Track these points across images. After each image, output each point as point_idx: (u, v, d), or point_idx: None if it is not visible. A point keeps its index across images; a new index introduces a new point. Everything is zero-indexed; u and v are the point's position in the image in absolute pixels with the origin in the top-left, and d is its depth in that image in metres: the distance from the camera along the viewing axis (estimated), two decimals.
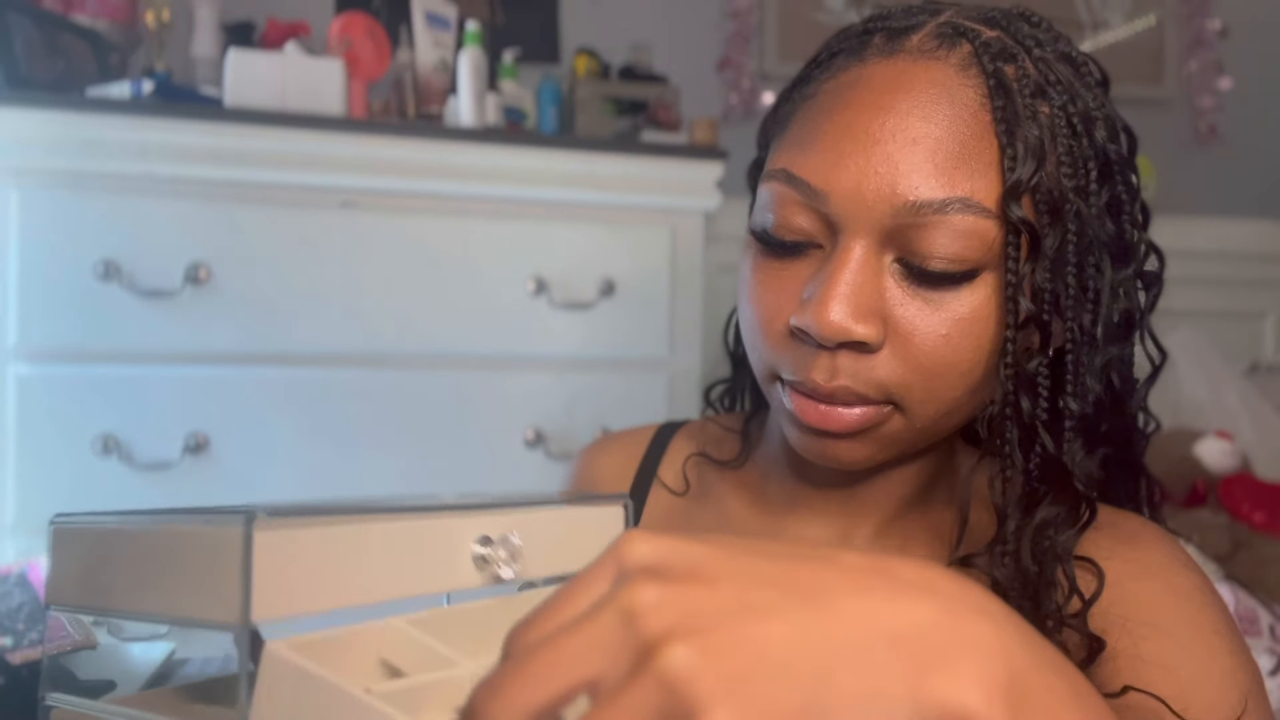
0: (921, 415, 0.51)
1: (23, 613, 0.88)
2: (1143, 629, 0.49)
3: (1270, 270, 2.04)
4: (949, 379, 0.49)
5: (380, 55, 1.42)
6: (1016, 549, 0.50)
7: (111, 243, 1.26)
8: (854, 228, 0.49)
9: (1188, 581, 0.51)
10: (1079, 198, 0.49)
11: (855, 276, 0.48)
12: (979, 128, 0.48)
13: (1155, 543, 0.53)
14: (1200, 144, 2.39)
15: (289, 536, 0.35)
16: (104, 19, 1.42)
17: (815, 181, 0.49)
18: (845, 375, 0.49)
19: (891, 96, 0.49)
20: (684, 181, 1.49)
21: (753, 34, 2.12)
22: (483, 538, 0.41)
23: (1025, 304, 0.48)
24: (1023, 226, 0.47)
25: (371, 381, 1.36)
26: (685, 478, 0.66)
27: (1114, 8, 2.33)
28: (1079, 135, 0.50)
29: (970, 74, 0.49)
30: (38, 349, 1.25)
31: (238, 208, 1.31)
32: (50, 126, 1.24)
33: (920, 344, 0.49)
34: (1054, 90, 0.50)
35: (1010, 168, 0.47)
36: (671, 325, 1.49)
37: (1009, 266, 0.48)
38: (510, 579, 0.42)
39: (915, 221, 0.47)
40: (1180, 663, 0.47)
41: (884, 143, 0.48)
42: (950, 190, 0.47)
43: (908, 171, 0.47)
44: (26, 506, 1.25)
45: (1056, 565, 0.50)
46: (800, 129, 0.52)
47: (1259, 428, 1.69)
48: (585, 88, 1.54)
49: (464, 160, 1.39)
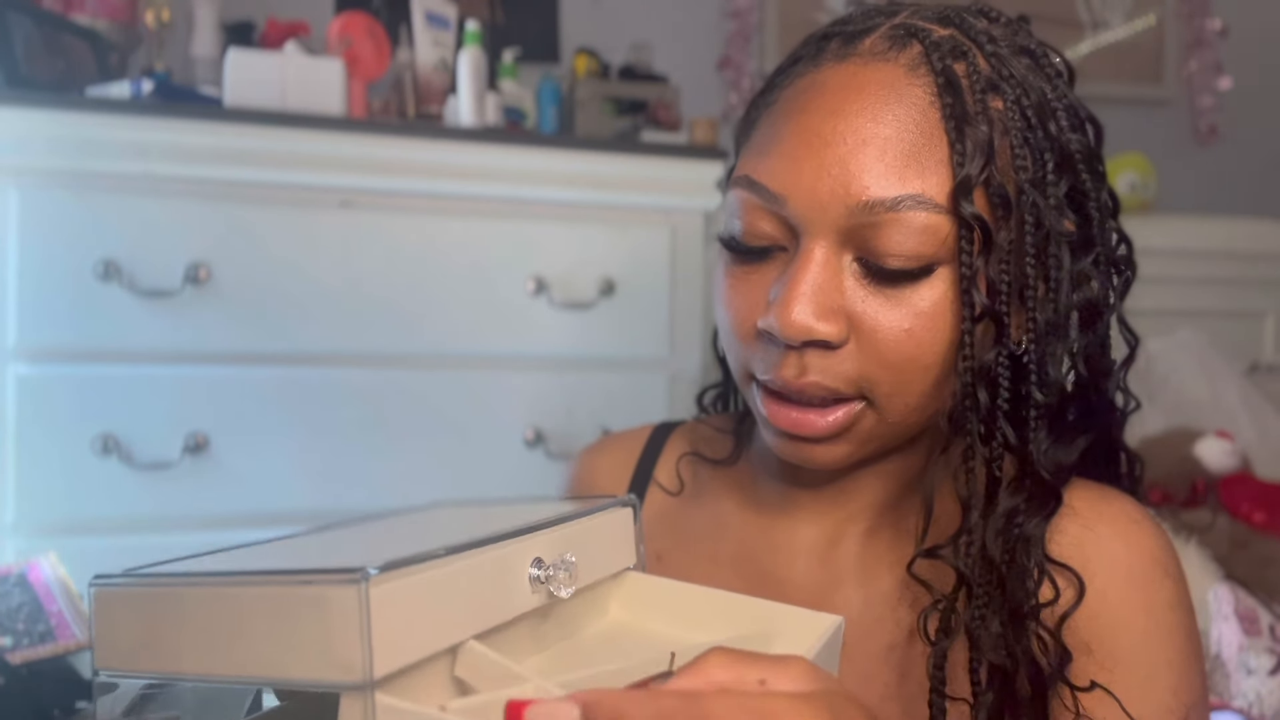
0: (892, 410, 0.52)
1: (23, 613, 0.88)
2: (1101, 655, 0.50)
3: (1270, 270, 2.04)
4: (914, 373, 0.50)
5: (380, 55, 1.42)
6: (982, 539, 0.51)
7: (111, 243, 1.26)
8: (813, 230, 0.50)
9: (1161, 596, 0.52)
10: (1035, 189, 0.50)
11: (816, 277, 0.49)
12: (928, 126, 0.49)
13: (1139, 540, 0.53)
14: (1200, 144, 2.39)
15: (399, 588, 0.35)
16: (104, 19, 1.42)
17: (774, 186, 0.51)
18: (814, 372, 0.50)
19: (843, 99, 0.50)
20: (684, 181, 1.49)
21: (753, 34, 2.12)
22: (536, 560, 0.42)
23: (979, 298, 0.49)
24: (974, 221, 0.48)
25: (371, 381, 1.36)
26: (679, 477, 0.67)
27: (1114, 8, 2.33)
28: (1034, 128, 0.51)
29: (919, 73, 0.50)
30: (38, 349, 1.25)
31: (238, 208, 1.31)
32: (50, 126, 1.24)
33: (884, 339, 0.50)
34: (1007, 85, 0.51)
35: (959, 164, 0.48)
36: (671, 325, 1.49)
37: (962, 261, 0.49)
38: (567, 597, 0.44)
39: (870, 220, 0.49)
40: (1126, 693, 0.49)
41: (835, 145, 0.49)
42: (901, 188, 0.48)
43: (859, 172, 0.49)
44: (26, 506, 1.25)
45: (1026, 554, 0.51)
46: (761, 135, 0.54)
47: (1259, 428, 1.69)
48: (585, 87, 1.54)
49: (464, 160, 1.39)
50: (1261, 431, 1.69)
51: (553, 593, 0.42)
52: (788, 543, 0.61)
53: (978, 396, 0.50)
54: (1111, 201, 0.56)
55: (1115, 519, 0.54)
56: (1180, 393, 1.65)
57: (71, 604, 0.89)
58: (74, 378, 1.26)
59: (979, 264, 0.49)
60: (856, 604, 0.57)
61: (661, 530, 0.66)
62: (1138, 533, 0.53)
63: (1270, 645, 1.21)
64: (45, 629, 0.86)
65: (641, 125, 1.55)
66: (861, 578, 0.58)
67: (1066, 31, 2.28)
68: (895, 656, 0.55)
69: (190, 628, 0.38)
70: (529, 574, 0.42)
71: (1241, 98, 2.39)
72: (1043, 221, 0.50)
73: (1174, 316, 1.78)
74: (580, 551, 0.45)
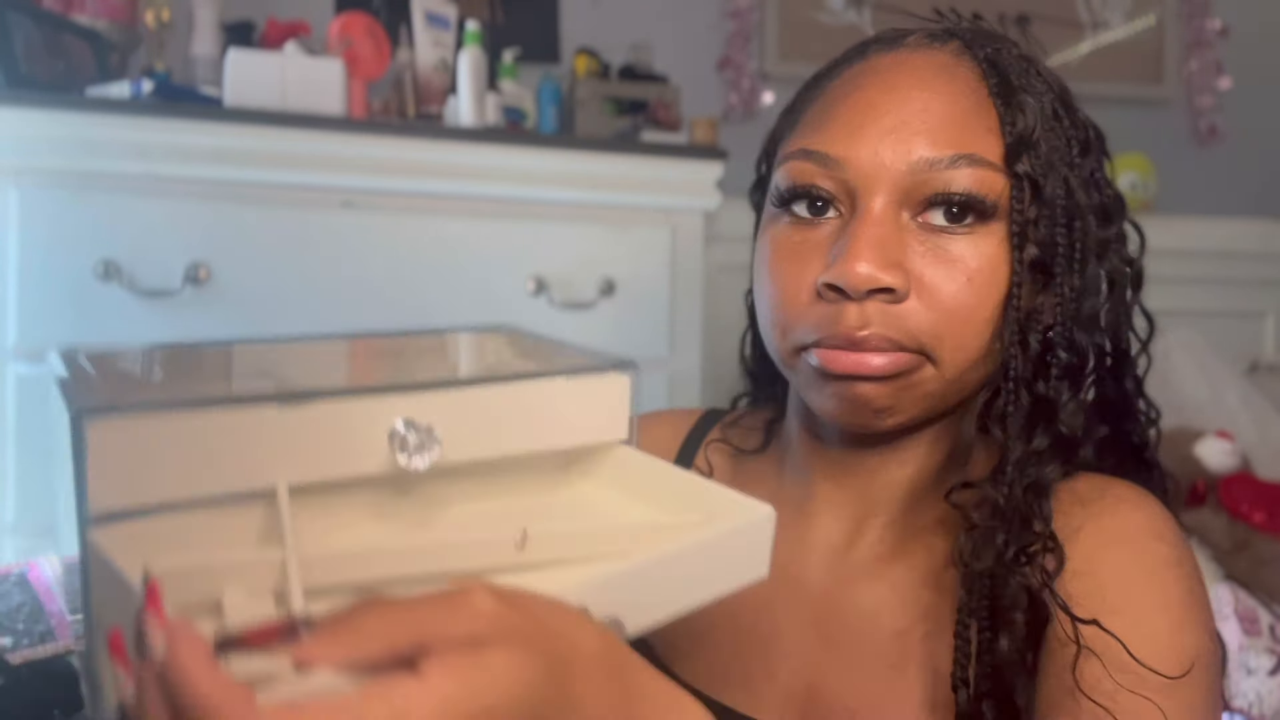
0: (952, 365, 0.53)
1: (23, 613, 0.88)
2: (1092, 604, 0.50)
3: (1270, 270, 2.04)
4: (975, 325, 0.53)
5: (380, 55, 1.42)
6: (1017, 477, 0.53)
7: (111, 243, 1.26)
8: (874, 189, 0.53)
9: (1153, 554, 0.52)
10: (1065, 165, 0.55)
11: (878, 231, 0.52)
12: (978, 99, 0.54)
13: (1132, 511, 0.54)
14: (1200, 144, 2.39)
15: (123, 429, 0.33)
16: (104, 19, 1.42)
17: (834, 152, 0.54)
18: (878, 323, 0.52)
19: (896, 76, 0.55)
20: (684, 181, 1.49)
21: (753, 34, 2.12)
22: (406, 421, 0.39)
23: (1031, 249, 0.53)
24: (1026, 178, 0.53)
25: None
26: (707, 463, 0.68)
27: (1114, 8, 2.33)
28: (1059, 115, 0.56)
29: (965, 58, 0.56)
30: (38, 349, 1.25)
31: (238, 208, 1.31)
32: (50, 126, 1.24)
33: (947, 292, 0.52)
34: (1035, 79, 0.56)
35: (1009, 129, 0.53)
36: (671, 325, 1.49)
37: (1014, 212, 0.53)
38: (421, 468, 0.39)
39: (929, 177, 0.52)
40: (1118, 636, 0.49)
41: (893, 112, 0.53)
42: (957, 148, 0.52)
43: (917, 132, 0.52)
44: (26, 506, 1.25)
45: (1039, 501, 0.53)
46: (811, 119, 0.57)
47: (1259, 428, 1.69)
48: (585, 87, 1.54)
49: (464, 160, 1.39)
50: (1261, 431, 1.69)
51: (403, 464, 0.38)
52: (808, 539, 0.61)
53: (1027, 342, 0.53)
54: (1121, 201, 0.60)
55: (1110, 498, 0.55)
56: (1180, 393, 1.65)
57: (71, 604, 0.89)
58: None
59: (1030, 214, 0.53)
60: (866, 595, 0.58)
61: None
62: (1129, 508, 0.54)
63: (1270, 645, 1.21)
64: (45, 629, 0.86)
65: (641, 125, 1.55)
66: (873, 569, 0.59)
67: (1066, 31, 2.27)
68: (900, 642, 0.56)
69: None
70: (393, 432, 0.38)
71: (1241, 98, 2.39)
72: (1073, 194, 0.54)
73: (1174, 316, 1.77)
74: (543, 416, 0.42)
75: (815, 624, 0.58)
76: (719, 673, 0.59)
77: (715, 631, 0.61)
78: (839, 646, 0.57)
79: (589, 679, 0.32)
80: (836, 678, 0.56)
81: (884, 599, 0.57)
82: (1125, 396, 0.60)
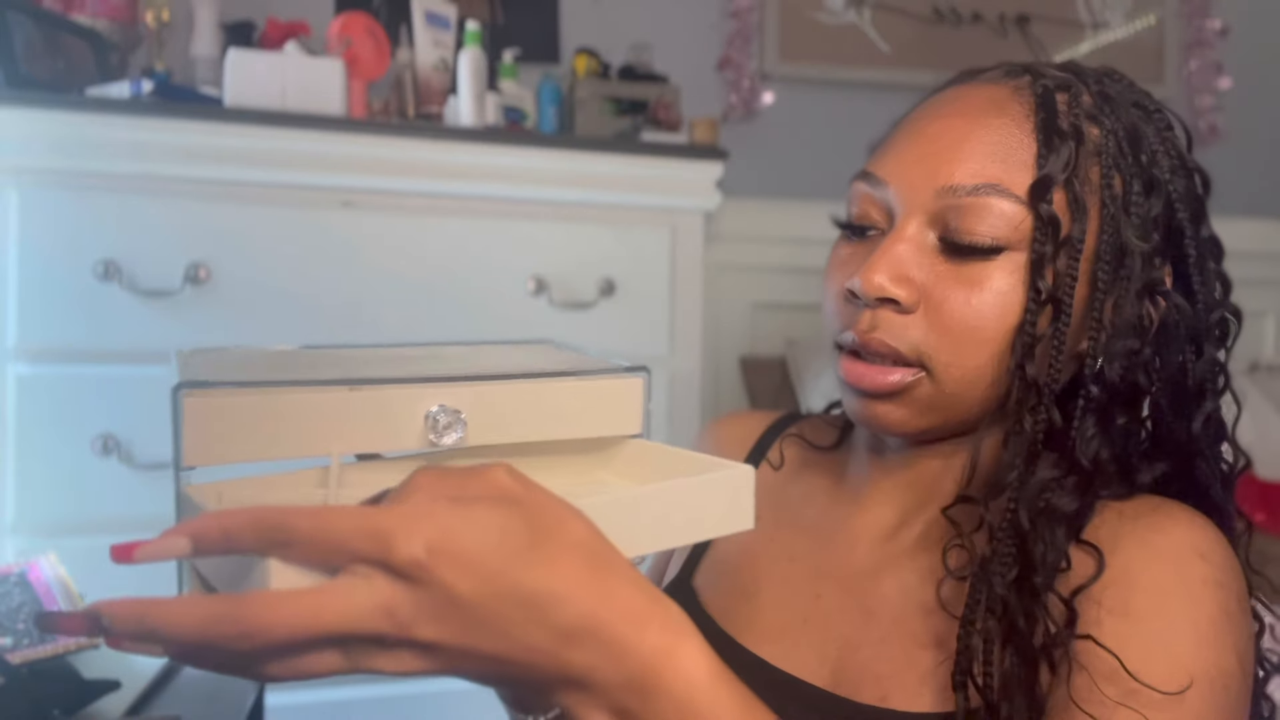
0: (948, 379, 0.57)
1: (23, 613, 0.88)
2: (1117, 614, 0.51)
3: (1270, 270, 2.04)
4: (971, 344, 0.56)
5: (380, 55, 1.42)
6: (1016, 500, 0.55)
7: (111, 243, 1.26)
8: (906, 209, 0.58)
9: (1193, 571, 0.52)
10: (1115, 204, 0.57)
11: (900, 249, 0.57)
12: (1021, 134, 0.57)
13: (1177, 527, 0.55)
14: (1200, 144, 2.39)
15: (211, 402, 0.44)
16: (104, 19, 1.42)
17: (881, 174, 0.60)
18: (881, 329, 0.57)
19: (950, 107, 0.60)
20: (684, 181, 1.49)
21: (753, 34, 2.12)
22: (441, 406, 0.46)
23: (1045, 284, 0.55)
24: (1048, 217, 0.55)
25: None
26: (781, 455, 0.74)
27: (1114, 8, 2.33)
28: (1125, 154, 0.58)
29: (1022, 94, 0.59)
30: (38, 349, 1.25)
31: (238, 208, 1.31)
32: (50, 126, 1.24)
33: (948, 308, 0.56)
34: (1105, 117, 0.58)
35: (1042, 164, 0.56)
36: (671, 325, 1.49)
37: (1035, 246, 0.55)
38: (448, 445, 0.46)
39: (954, 203, 0.56)
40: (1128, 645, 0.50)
41: (935, 140, 0.58)
42: (984, 178, 0.56)
43: (949, 161, 0.57)
44: (26, 506, 1.25)
45: (1050, 527, 0.54)
46: (883, 142, 0.63)
47: (1259, 428, 1.69)
48: (585, 88, 1.54)
49: (464, 160, 1.39)
50: (1261, 431, 1.69)
51: (434, 440, 0.46)
52: (859, 521, 0.65)
53: (1025, 369, 0.55)
54: (1215, 245, 0.61)
55: (1160, 515, 0.56)
56: None
57: (71, 604, 0.89)
58: (74, 378, 1.26)
59: (1047, 252, 0.55)
60: (905, 576, 0.61)
61: (760, 496, 0.71)
62: (1174, 524, 0.55)
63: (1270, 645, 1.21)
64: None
65: (641, 125, 1.55)
66: (914, 555, 0.62)
67: (1066, 31, 2.27)
68: (929, 623, 0.58)
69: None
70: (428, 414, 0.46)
71: (1241, 98, 2.39)
72: (1119, 232, 0.56)
73: None
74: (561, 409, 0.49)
75: (856, 596, 0.62)
76: (760, 627, 0.64)
77: (761, 592, 0.65)
78: (874, 619, 0.60)
79: (567, 557, 0.37)
80: (869, 647, 0.59)
81: (919, 582, 0.60)
82: (1191, 438, 0.61)
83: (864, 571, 0.63)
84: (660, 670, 0.37)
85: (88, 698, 0.84)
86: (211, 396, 0.43)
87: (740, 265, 1.85)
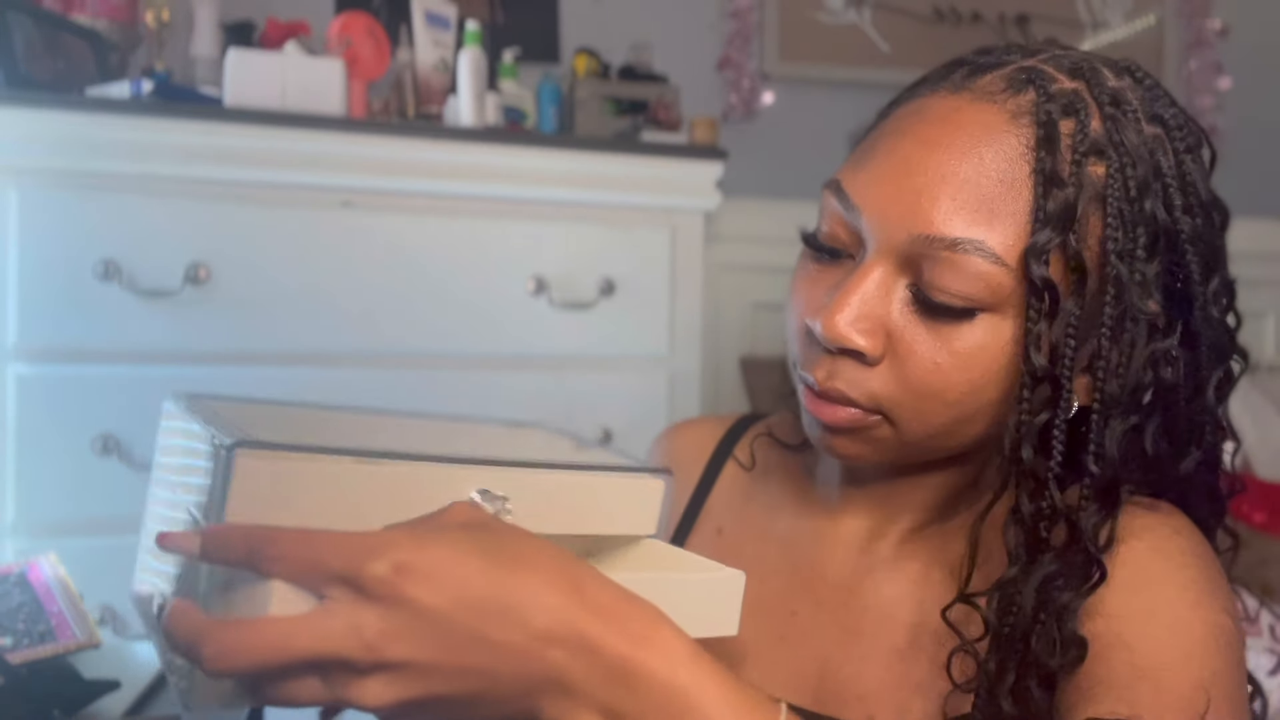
0: (909, 432, 0.53)
1: (23, 613, 0.88)
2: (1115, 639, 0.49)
3: (1270, 270, 2.04)
4: (935, 406, 0.52)
5: (380, 55, 1.42)
6: (1019, 595, 0.51)
7: (111, 243, 1.26)
8: (878, 247, 0.51)
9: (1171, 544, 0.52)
10: (1121, 262, 0.50)
11: (868, 291, 0.51)
12: (1014, 177, 0.49)
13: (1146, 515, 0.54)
14: None
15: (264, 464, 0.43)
16: (104, 19, 1.42)
17: (854, 197, 0.52)
18: (841, 380, 0.52)
19: (939, 131, 0.51)
20: (684, 181, 1.49)
21: (753, 34, 2.12)
22: (483, 491, 0.47)
23: (1039, 359, 0.49)
24: (1043, 285, 0.48)
25: (371, 381, 1.36)
26: (752, 454, 0.70)
27: (1114, 8, 2.33)
28: (1133, 200, 0.50)
29: (1021, 122, 0.51)
30: (38, 349, 1.25)
31: (238, 208, 1.31)
32: (50, 126, 1.24)
33: (913, 367, 0.51)
34: (1114, 151, 0.50)
35: (1039, 224, 0.48)
36: (671, 325, 1.49)
37: (1029, 317, 0.49)
38: None
39: (929, 253, 0.50)
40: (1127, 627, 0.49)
41: (917, 175, 0.50)
42: (965, 231, 0.49)
43: (929, 206, 0.50)
44: (26, 506, 1.25)
45: (1054, 622, 0.50)
46: (864, 146, 0.55)
47: (1259, 428, 1.69)
48: (585, 87, 1.54)
49: (464, 160, 1.39)
50: (1261, 431, 1.69)
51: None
52: (832, 531, 0.63)
53: (1021, 455, 0.51)
54: (1226, 291, 0.56)
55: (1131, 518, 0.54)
56: None
57: (72, 604, 0.89)
58: (74, 378, 1.26)
59: (1043, 328, 0.49)
60: (883, 588, 0.59)
61: (726, 505, 0.69)
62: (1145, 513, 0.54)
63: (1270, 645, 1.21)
64: (45, 629, 0.86)
65: (641, 125, 1.55)
66: (892, 565, 0.60)
67: (1066, 31, 2.27)
68: (912, 635, 0.57)
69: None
70: (472, 498, 0.46)
71: (1241, 98, 2.39)
72: (1123, 296, 0.50)
73: None
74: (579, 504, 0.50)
75: (832, 612, 0.60)
76: (736, 650, 0.61)
77: None
78: (853, 635, 0.58)
79: (536, 565, 0.37)
80: (849, 664, 0.57)
81: (900, 593, 0.58)
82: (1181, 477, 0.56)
83: (840, 584, 0.61)
84: (641, 659, 0.37)
85: (88, 698, 0.84)
86: (268, 460, 0.42)
87: (740, 265, 1.85)
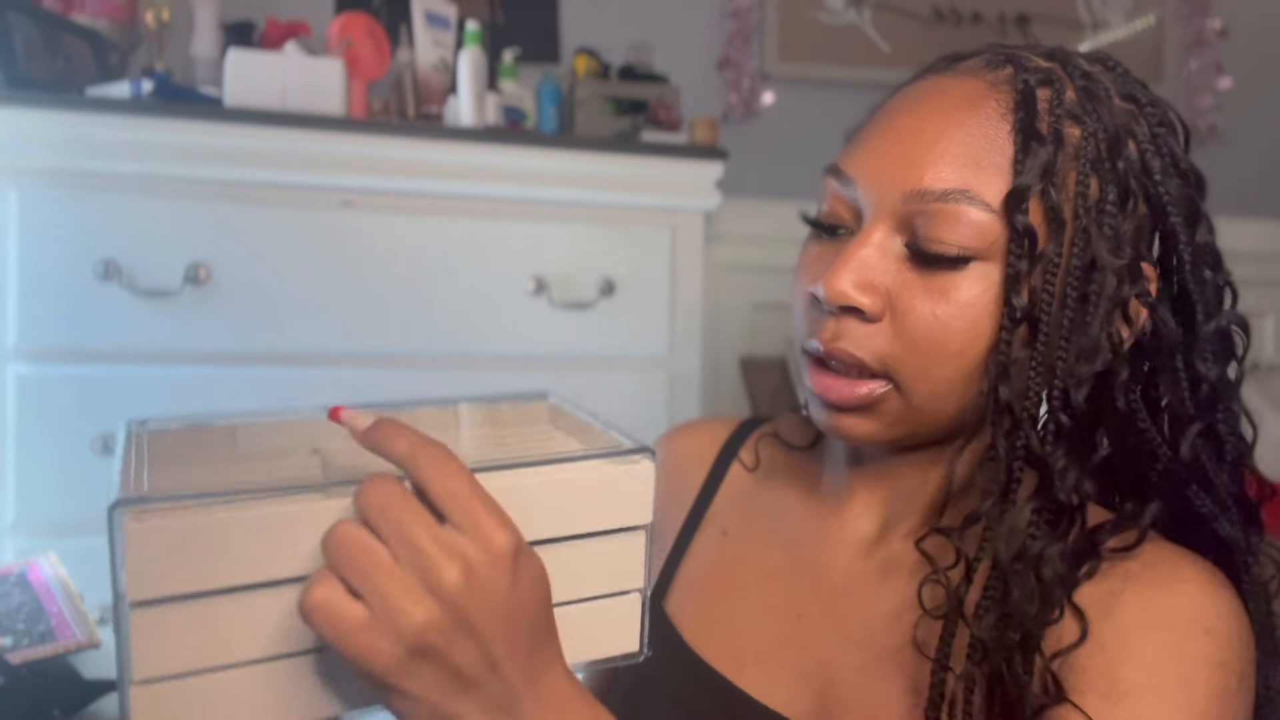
0: (916, 392, 0.54)
1: (23, 613, 0.88)
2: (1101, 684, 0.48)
3: (1270, 270, 2.04)
4: (940, 358, 0.53)
5: (380, 55, 1.42)
6: (992, 532, 0.52)
7: (111, 243, 1.26)
8: (873, 212, 0.54)
9: (1193, 649, 0.49)
10: (1088, 216, 0.52)
11: (866, 253, 0.54)
12: (997, 135, 0.53)
13: (1183, 594, 0.51)
14: (1199, 144, 2.39)
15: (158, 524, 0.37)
16: (104, 19, 1.42)
17: (850, 171, 0.56)
18: (846, 339, 0.54)
19: (925, 102, 0.55)
20: (684, 181, 1.49)
21: (753, 34, 2.12)
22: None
23: (1020, 302, 0.51)
24: (1024, 230, 0.51)
25: (371, 381, 1.36)
26: (756, 455, 0.71)
27: (1114, 8, 2.33)
28: (1103, 159, 0.53)
29: (1001, 90, 0.54)
30: (38, 349, 1.25)
31: (238, 208, 1.31)
32: (50, 126, 1.24)
33: (914, 320, 0.53)
34: (1088, 116, 0.54)
35: (1018, 173, 0.52)
36: (671, 325, 1.49)
37: (1009, 262, 0.52)
38: None
39: (922, 208, 0.52)
40: None
41: (905, 139, 0.54)
42: (955, 183, 0.52)
43: (918, 163, 0.53)
44: (26, 506, 1.25)
45: (1039, 574, 0.50)
46: (857, 133, 0.59)
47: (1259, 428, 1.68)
48: (585, 88, 1.54)
49: (464, 160, 1.39)
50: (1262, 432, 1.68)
51: None
52: (838, 532, 0.63)
53: (998, 393, 0.52)
54: (1211, 253, 0.56)
55: (1166, 575, 0.52)
56: None
57: (72, 604, 0.89)
58: (74, 378, 1.26)
59: (1023, 268, 0.51)
60: (888, 591, 0.59)
61: (731, 507, 0.69)
62: (1180, 588, 0.51)
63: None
64: (45, 629, 0.86)
65: (641, 125, 1.55)
66: (897, 567, 0.59)
67: (1066, 31, 2.27)
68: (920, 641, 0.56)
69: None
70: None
71: (1241, 98, 2.39)
72: (1090, 247, 0.52)
73: None
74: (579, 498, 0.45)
75: (837, 617, 0.60)
76: (738, 653, 0.61)
77: (738, 615, 0.63)
78: (859, 643, 0.58)
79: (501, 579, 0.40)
80: (854, 673, 0.57)
81: (904, 597, 0.57)
82: (1182, 464, 0.55)
83: (845, 589, 0.60)
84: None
85: (88, 698, 0.84)
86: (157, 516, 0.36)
87: (740, 265, 1.85)
